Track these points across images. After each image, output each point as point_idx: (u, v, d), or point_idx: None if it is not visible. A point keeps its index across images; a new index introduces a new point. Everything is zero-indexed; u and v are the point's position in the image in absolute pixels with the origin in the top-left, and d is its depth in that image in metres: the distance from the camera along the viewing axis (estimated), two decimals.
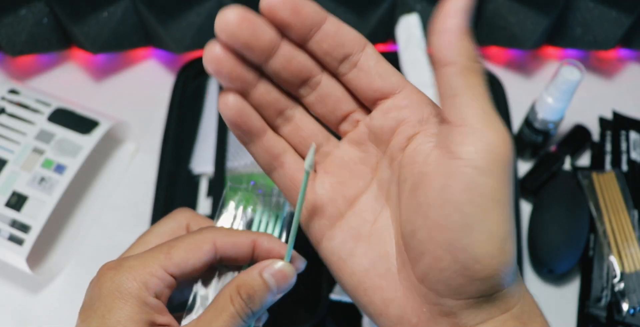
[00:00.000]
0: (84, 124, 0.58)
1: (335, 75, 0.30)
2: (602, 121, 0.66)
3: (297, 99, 0.31)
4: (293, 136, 0.31)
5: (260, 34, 0.28)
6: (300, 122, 0.31)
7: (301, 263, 0.33)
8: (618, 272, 0.54)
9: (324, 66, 0.29)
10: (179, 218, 0.35)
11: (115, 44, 0.69)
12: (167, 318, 0.30)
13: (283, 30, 0.28)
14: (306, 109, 0.31)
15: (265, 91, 0.29)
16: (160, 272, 0.30)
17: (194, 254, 0.31)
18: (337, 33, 0.28)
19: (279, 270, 0.31)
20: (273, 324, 0.55)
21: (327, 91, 0.30)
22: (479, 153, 0.25)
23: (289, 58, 0.28)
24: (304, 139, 0.31)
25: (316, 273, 0.57)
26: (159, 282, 0.30)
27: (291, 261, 0.32)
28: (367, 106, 0.30)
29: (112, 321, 0.28)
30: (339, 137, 0.32)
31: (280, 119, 0.31)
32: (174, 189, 0.62)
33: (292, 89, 0.30)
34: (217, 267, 0.34)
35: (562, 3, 0.64)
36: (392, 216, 0.30)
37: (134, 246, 0.34)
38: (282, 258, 0.32)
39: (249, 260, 0.33)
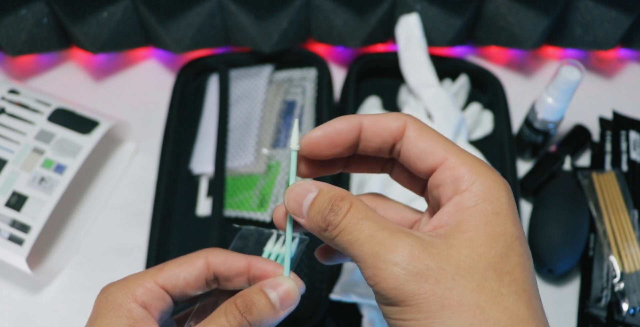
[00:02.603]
0: (84, 124, 0.58)
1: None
2: (602, 121, 0.66)
3: None
4: None
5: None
6: None
7: (301, 287, 0.34)
8: (618, 272, 0.54)
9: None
10: (201, 255, 0.35)
11: (115, 44, 0.69)
12: None
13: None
14: None
15: None
16: (149, 283, 0.31)
17: (186, 268, 0.32)
18: (374, 126, 0.30)
19: (282, 287, 0.32)
20: None
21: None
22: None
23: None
24: None
25: (316, 273, 0.57)
26: (147, 292, 0.31)
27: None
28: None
29: None
30: None
31: None
32: (174, 189, 0.62)
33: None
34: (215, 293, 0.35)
35: (562, 3, 0.64)
36: None
37: None
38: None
39: (245, 282, 0.34)
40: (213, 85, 0.70)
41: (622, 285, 0.53)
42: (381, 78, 0.69)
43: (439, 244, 0.26)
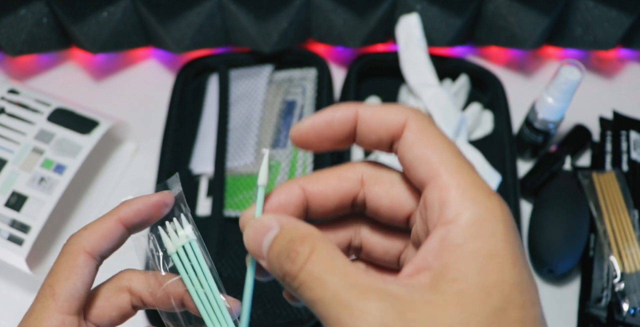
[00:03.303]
0: (83, 124, 0.58)
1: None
2: (603, 121, 0.66)
3: None
4: None
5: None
6: None
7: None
8: (618, 272, 0.54)
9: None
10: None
11: (115, 44, 0.69)
12: None
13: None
14: None
15: None
16: (56, 317, 0.28)
17: (74, 275, 0.29)
18: (370, 120, 0.25)
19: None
20: (273, 324, 0.55)
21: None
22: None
23: None
24: None
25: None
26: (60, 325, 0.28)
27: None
28: None
29: None
30: None
31: None
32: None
33: None
34: None
35: (562, 3, 0.64)
36: None
37: None
38: None
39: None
40: (213, 85, 0.70)
41: (622, 285, 0.53)
42: (381, 78, 0.69)
43: (420, 306, 0.21)
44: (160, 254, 0.32)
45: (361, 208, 0.27)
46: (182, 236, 0.31)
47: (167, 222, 0.32)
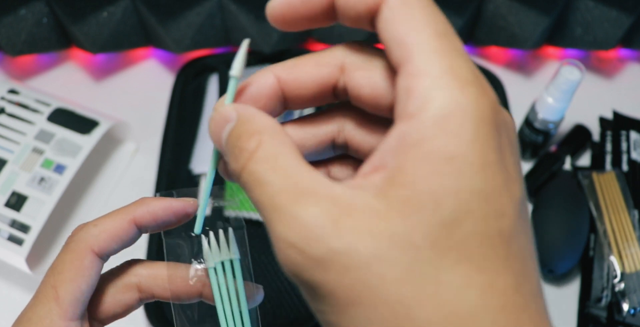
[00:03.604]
0: (83, 124, 0.58)
1: None
2: (603, 121, 0.66)
3: None
4: None
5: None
6: None
7: (258, 296, 0.30)
8: (618, 272, 0.54)
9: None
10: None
11: (115, 44, 0.69)
12: None
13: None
14: None
15: None
16: (61, 325, 0.27)
17: (80, 277, 0.27)
18: None
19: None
20: (273, 324, 0.55)
21: None
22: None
23: None
24: None
25: None
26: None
27: (249, 293, 0.29)
28: None
29: None
30: None
31: None
32: (174, 189, 0.62)
33: None
34: None
35: (562, 3, 0.64)
36: None
37: None
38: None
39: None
40: (213, 85, 0.70)
41: (622, 285, 0.53)
42: None
43: (359, 212, 0.18)
44: (187, 251, 0.30)
45: (344, 97, 0.24)
46: (224, 251, 0.29)
47: (211, 233, 0.29)
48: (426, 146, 0.18)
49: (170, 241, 0.30)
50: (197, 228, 0.28)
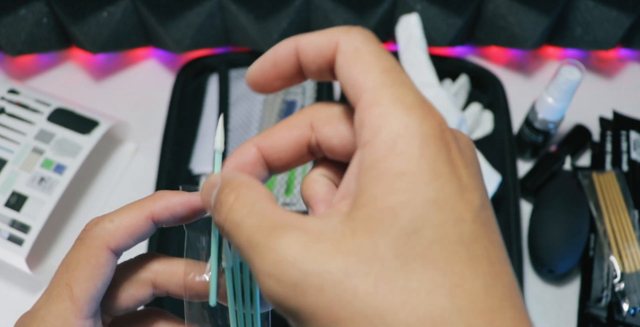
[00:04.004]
0: (83, 124, 0.58)
1: None
2: (603, 121, 0.66)
3: None
4: None
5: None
6: None
7: None
8: (618, 272, 0.54)
9: None
10: None
11: (115, 44, 0.69)
12: None
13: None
14: None
15: None
16: (76, 324, 0.26)
17: (96, 275, 0.26)
18: (307, 49, 0.24)
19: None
20: (273, 324, 0.55)
21: None
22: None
23: None
24: None
25: None
26: None
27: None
28: None
29: None
30: None
31: None
32: (173, 189, 0.62)
33: None
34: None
35: (562, 3, 0.64)
36: None
37: None
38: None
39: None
40: (213, 85, 0.70)
41: (622, 285, 0.53)
42: None
43: (329, 236, 0.19)
44: (205, 247, 0.30)
45: (320, 153, 0.25)
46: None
47: None
48: (380, 167, 0.19)
49: (193, 235, 0.29)
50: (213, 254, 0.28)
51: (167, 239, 0.60)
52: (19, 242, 0.53)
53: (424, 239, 0.19)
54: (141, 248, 0.58)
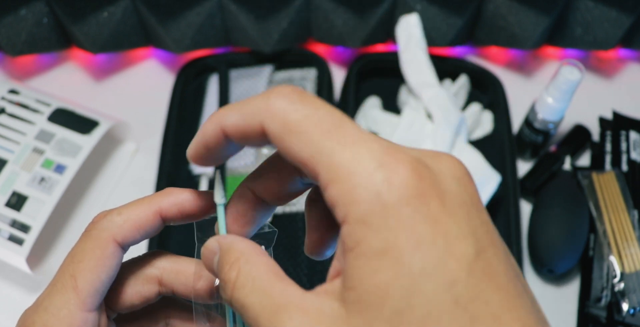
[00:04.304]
0: (84, 124, 0.58)
1: None
2: (602, 121, 0.66)
3: None
4: None
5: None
6: None
7: None
8: (618, 272, 0.54)
9: None
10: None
11: (115, 44, 0.69)
12: None
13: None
14: None
15: None
16: (79, 316, 0.26)
17: (101, 267, 0.26)
18: (236, 129, 0.22)
19: None
20: None
21: None
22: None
23: None
24: None
25: (316, 273, 0.57)
26: (82, 325, 0.26)
27: None
28: None
29: None
30: None
31: None
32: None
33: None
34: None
35: (562, 3, 0.64)
36: None
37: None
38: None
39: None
40: (213, 85, 0.70)
41: (622, 285, 0.53)
42: (381, 78, 0.69)
43: (327, 317, 0.20)
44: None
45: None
46: None
47: None
48: (361, 247, 0.19)
49: (202, 235, 0.29)
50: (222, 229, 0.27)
51: (167, 242, 0.60)
52: (19, 242, 0.53)
53: (418, 313, 0.18)
54: (141, 245, 0.58)
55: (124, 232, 0.26)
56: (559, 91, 0.56)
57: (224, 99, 0.66)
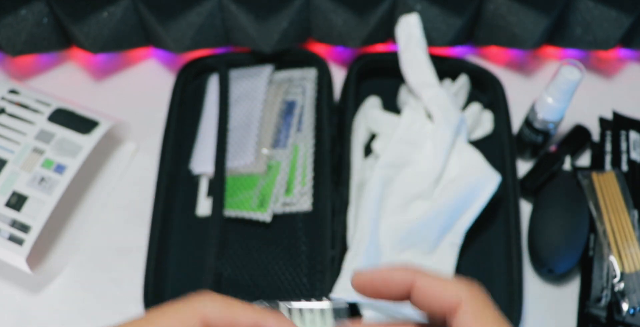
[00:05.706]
0: (84, 124, 0.58)
1: None
2: (602, 121, 0.66)
3: None
4: None
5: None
6: None
7: None
8: (618, 272, 0.54)
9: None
10: (195, 308, 0.27)
11: (115, 44, 0.69)
12: None
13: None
14: None
15: None
16: None
17: None
18: (425, 291, 0.26)
19: None
20: None
21: None
22: None
23: None
24: None
25: (316, 273, 0.57)
26: None
27: None
28: None
29: None
30: None
31: None
32: (174, 189, 0.62)
33: None
34: None
35: (562, 3, 0.64)
36: None
37: None
38: None
39: None
40: (213, 85, 0.70)
41: (622, 285, 0.53)
42: (381, 78, 0.69)
43: None
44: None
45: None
46: None
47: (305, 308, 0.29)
48: None
49: None
50: None
51: (164, 259, 0.60)
52: (19, 242, 0.53)
53: None
54: (141, 254, 0.58)
55: (215, 311, 0.27)
56: (559, 91, 0.56)
57: (224, 99, 0.66)
